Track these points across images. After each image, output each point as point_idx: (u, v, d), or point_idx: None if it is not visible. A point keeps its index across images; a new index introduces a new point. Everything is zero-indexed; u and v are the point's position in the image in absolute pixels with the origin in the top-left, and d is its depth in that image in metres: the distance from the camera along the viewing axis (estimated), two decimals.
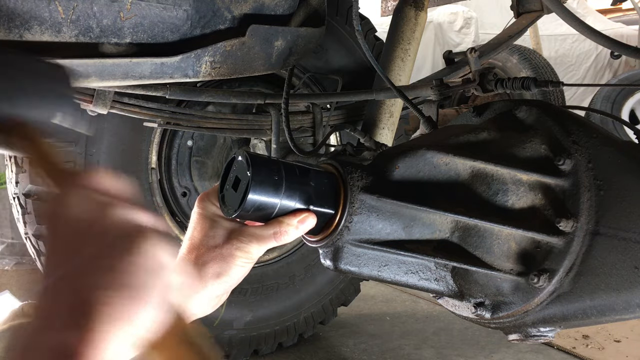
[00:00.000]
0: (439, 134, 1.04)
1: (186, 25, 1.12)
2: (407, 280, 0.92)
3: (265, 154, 1.85)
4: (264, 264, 2.16)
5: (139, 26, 1.05)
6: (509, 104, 1.02)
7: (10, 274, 3.29)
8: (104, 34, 1.02)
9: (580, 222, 0.86)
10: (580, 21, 1.25)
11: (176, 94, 1.56)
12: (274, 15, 1.27)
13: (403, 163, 0.89)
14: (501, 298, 0.93)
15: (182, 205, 2.08)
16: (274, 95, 1.78)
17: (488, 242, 0.91)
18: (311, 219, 0.77)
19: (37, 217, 1.71)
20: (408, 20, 1.81)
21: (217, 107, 2.01)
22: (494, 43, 2.22)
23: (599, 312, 0.88)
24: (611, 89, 4.50)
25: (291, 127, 1.74)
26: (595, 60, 7.18)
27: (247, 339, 2.14)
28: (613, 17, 8.22)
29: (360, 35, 1.29)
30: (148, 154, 1.90)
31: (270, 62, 1.29)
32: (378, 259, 0.88)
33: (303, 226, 0.76)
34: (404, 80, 1.84)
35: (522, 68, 4.32)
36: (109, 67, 1.04)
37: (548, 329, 0.94)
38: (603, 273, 0.86)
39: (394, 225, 0.87)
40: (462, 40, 6.75)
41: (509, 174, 0.91)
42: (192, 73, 1.15)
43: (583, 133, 0.92)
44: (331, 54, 2.10)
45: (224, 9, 1.17)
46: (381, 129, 1.88)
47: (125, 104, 1.58)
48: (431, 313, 2.64)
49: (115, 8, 1.01)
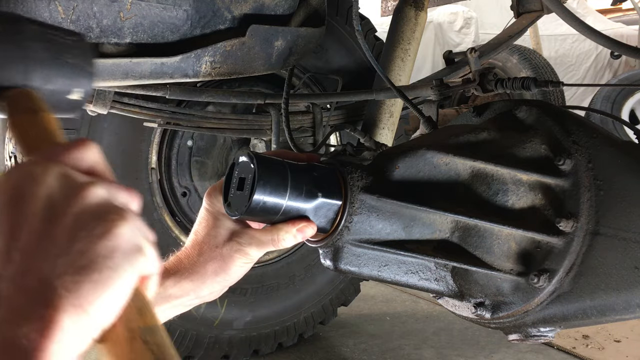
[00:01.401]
0: (439, 134, 1.04)
1: (186, 25, 1.12)
2: (407, 280, 0.92)
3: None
4: (264, 264, 2.16)
5: (139, 26, 1.05)
6: (509, 104, 1.02)
7: None
8: (104, 34, 1.02)
9: (580, 222, 0.86)
10: (580, 21, 1.25)
11: (176, 94, 1.56)
12: (274, 15, 1.27)
13: (403, 163, 0.89)
14: (501, 298, 0.93)
15: (182, 205, 2.08)
16: (274, 95, 1.78)
17: (488, 242, 0.91)
18: (310, 229, 0.78)
19: None
20: (408, 20, 1.81)
21: (217, 107, 2.01)
22: (494, 43, 2.22)
23: (599, 312, 0.88)
24: (611, 89, 4.50)
25: (291, 127, 1.74)
26: (595, 60, 7.18)
27: (247, 339, 2.14)
28: (613, 17, 8.22)
29: (360, 35, 1.29)
30: (148, 154, 1.90)
31: (270, 62, 1.29)
32: (378, 259, 0.88)
33: (301, 235, 0.77)
34: (404, 80, 1.84)
35: (522, 68, 4.32)
36: (109, 67, 1.04)
37: (548, 329, 0.94)
38: (603, 273, 0.86)
39: (394, 225, 0.87)
40: (462, 40, 6.75)
41: (509, 174, 0.91)
42: (192, 73, 1.15)
43: (583, 133, 0.92)
44: (331, 54, 2.10)
45: (224, 9, 1.17)
46: (381, 129, 1.88)
47: (125, 104, 1.58)
48: (431, 313, 2.64)
49: (115, 8, 1.01)
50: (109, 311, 0.43)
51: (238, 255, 0.77)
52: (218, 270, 0.77)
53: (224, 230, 0.78)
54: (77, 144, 0.50)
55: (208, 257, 0.78)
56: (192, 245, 0.80)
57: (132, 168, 1.85)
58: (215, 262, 0.77)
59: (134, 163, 1.86)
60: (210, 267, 0.77)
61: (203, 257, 0.78)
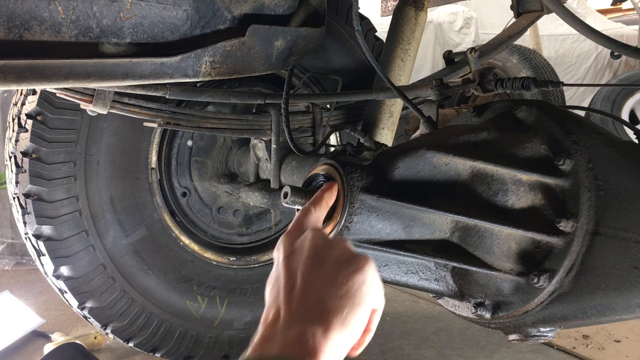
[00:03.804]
0: (439, 134, 1.04)
1: (186, 25, 1.12)
2: (407, 280, 0.92)
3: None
4: (264, 263, 2.16)
5: (138, 26, 1.05)
6: (508, 104, 1.02)
7: (10, 274, 3.29)
8: (104, 34, 1.02)
9: (580, 222, 0.86)
10: (580, 21, 1.25)
11: (176, 94, 1.56)
12: (274, 15, 1.27)
13: (403, 163, 0.89)
14: (501, 298, 0.93)
15: (182, 205, 2.08)
16: (274, 95, 1.78)
17: (488, 242, 0.91)
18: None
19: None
20: (408, 20, 1.81)
21: (217, 107, 2.01)
22: (494, 43, 2.22)
23: (599, 312, 0.88)
24: (611, 89, 4.50)
25: (291, 127, 1.74)
26: (595, 60, 7.18)
27: (247, 339, 2.13)
28: (613, 17, 8.22)
29: (360, 35, 1.29)
30: (148, 154, 1.90)
31: (270, 62, 1.29)
32: (378, 259, 0.88)
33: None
34: (404, 80, 1.84)
35: (522, 68, 4.32)
36: (109, 67, 1.04)
37: (548, 329, 0.94)
38: (603, 273, 0.86)
39: (394, 225, 0.87)
40: (462, 40, 6.74)
41: (509, 174, 0.91)
42: (192, 73, 1.15)
43: (583, 133, 0.92)
44: (331, 54, 2.10)
45: (224, 9, 1.17)
46: (381, 129, 1.88)
47: (125, 104, 1.58)
48: (431, 313, 2.64)
49: (115, 8, 1.01)
50: (359, 329, 0.59)
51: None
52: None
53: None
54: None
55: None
56: None
57: (132, 168, 1.85)
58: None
59: (134, 163, 1.86)
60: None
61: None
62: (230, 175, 2.14)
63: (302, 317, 0.57)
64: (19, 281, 3.15)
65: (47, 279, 1.84)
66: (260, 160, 2.00)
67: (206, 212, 2.14)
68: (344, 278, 0.60)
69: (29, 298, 2.84)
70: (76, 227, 1.75)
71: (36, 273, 3.05)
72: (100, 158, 1.77)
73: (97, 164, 1.77)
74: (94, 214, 1.77)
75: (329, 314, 0.57)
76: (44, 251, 1.73)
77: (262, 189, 1.95)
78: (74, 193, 1.73)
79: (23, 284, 3.10)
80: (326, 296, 0.58)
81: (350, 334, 0.58)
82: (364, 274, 0.61)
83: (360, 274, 0.61)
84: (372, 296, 0.61)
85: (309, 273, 0.61)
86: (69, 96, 1.46)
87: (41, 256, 1.76)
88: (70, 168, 1.72)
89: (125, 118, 1.68)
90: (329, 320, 0.56)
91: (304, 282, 0.60)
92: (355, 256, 0.63)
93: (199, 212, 2.12)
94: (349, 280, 0.60)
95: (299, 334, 0.55)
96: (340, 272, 0.61)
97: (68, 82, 1.00)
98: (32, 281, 3.11)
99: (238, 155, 2.14)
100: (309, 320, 0.56)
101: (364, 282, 0.60)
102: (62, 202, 1.72)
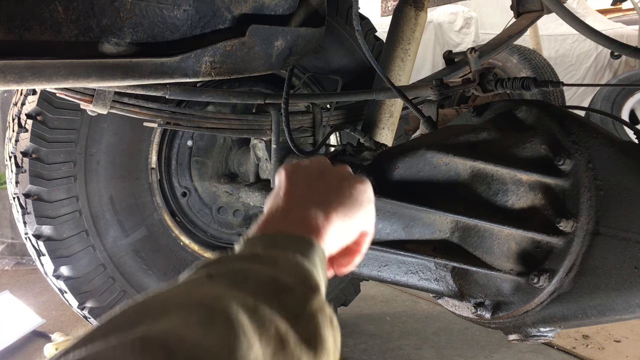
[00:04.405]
0: (439, 134, 1.04)
1: (186, 25, 1.12)
2: (407, 280, 0.92)
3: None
4: None
5: (138, 26, 1.05)
6: (509, 104, 1.02)
7: (10, 274, 3.29)
8: (104, 33, 1.02)
9: (580, 222, 0.86)
10: (580, 21, 1.25)
11: (176, 94, 1.56)
12: (274, 15, 1.27)
13: (403, 163, 0.89)
14: (501, 298, 0.93)
15: (182, 205, 2.08)
16: (274, 95, 1.78)
17: (488, 242, 0.91)
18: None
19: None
20: (408, 20, 1.81)
21: (217, 107, 2.01)
22: (494, 43, 2.22)
23: (599, 312, 0.88)
24: (611, 89, 4.50)
25: (291, 127, 1.74)
26: (595, 60, 7.18)
27: None
28: (613, 17, 8.21)
29: (360, 35, 1.29)
30: (148, 154, 1.90)
31: (270, 62, 1.29)
32: (378, 259, 0.88)
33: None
34: (404, 80, 1.84)
35: (522, 68, 4.32)
36: (109, 67, 1.04)
37: (548, 329, 0.94)
38: (603, 273, 0.86)
39: (394, 225, 0.87)
40: (462, 40, 6.74)
41: (509, 174, 0.91)
42: (192, 73, 1.15)
43: (583, 133, 0.92)
44: (331, 54, 2.10)
45: (224, 9, 1.17)
46: (381, 129, 1.88)
47: (125, 104, 1.58)
48: (431, 313, 2.64)
49: (115, 8, 1.01)
50: (360, 225, 0.62)
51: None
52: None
53: None
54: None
55: None
56: None
57: (132, 168, 1.85)
58: None
59: (134, 163, 1.86)
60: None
61: None
62: (230, 175, 2.14)
63: (306, 203, 0.59)
64: (19, 281, 3.15)
65: (47, 279, 1.84)
66: (260, 160, 2.00)
67: (206, 212, 2.14)
68: (347, 185, 0.63)
69: (29, 298, 2.84)
70: (76, 227, 1.75)
71: (36, 273, 3.05)
72: (100, 158, 1.77)
73: (97, 164, 1.77)
74: (94, 214, 1.77)
75: (331, 203, 0.60)
76: (44, 251, 1.73)
77: (262, 189, 1.95)
78: (74, 193, 1.73)
79: (23, 284, 3.10)
80: (330, 192, 0.61)
81: (349, 227, 0.61)
82: (365, 185, 0.65)
83: (362, 183, 0.65)
84: (368, 212, 0.64)
85: (313, 181, 0.63)
86: (69, 96, 1.46)
87: (41, 256, 1.76)
88: (70, 168, 1.72)
89: (125, 118, 1.68)
90: (332, 207, 0.59)
91: (308, 188, 0.62)
92: (355, 175, 0.67)
93: (199, 212, 2.12)
94: (351, 187, 0.63)
95: (302, 216, 0.57)
96: (343, 181, 0.64)
97: (68, 82, 1.00)
98: (32, 281, 3.11)
99: (238, 155, 2.14)
100: (311, 205, 0.59)
101: (365, 191, 0.64)
102: (62, 202, 1.72)
